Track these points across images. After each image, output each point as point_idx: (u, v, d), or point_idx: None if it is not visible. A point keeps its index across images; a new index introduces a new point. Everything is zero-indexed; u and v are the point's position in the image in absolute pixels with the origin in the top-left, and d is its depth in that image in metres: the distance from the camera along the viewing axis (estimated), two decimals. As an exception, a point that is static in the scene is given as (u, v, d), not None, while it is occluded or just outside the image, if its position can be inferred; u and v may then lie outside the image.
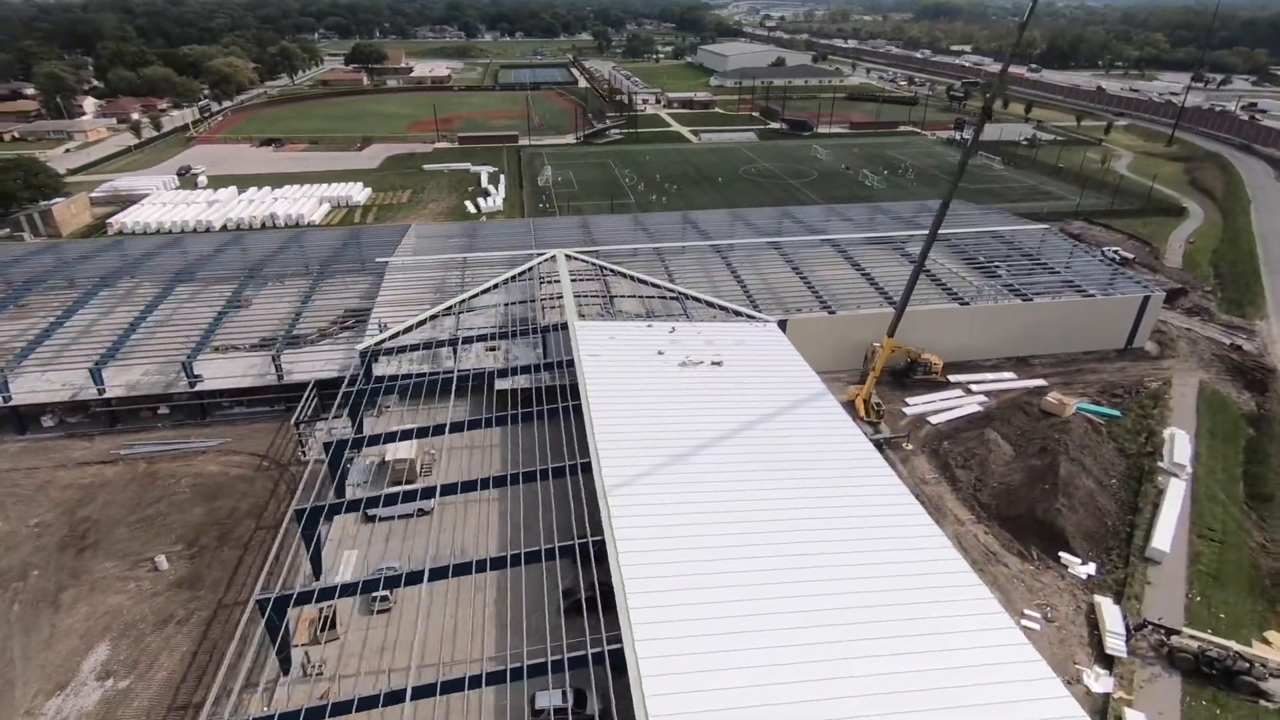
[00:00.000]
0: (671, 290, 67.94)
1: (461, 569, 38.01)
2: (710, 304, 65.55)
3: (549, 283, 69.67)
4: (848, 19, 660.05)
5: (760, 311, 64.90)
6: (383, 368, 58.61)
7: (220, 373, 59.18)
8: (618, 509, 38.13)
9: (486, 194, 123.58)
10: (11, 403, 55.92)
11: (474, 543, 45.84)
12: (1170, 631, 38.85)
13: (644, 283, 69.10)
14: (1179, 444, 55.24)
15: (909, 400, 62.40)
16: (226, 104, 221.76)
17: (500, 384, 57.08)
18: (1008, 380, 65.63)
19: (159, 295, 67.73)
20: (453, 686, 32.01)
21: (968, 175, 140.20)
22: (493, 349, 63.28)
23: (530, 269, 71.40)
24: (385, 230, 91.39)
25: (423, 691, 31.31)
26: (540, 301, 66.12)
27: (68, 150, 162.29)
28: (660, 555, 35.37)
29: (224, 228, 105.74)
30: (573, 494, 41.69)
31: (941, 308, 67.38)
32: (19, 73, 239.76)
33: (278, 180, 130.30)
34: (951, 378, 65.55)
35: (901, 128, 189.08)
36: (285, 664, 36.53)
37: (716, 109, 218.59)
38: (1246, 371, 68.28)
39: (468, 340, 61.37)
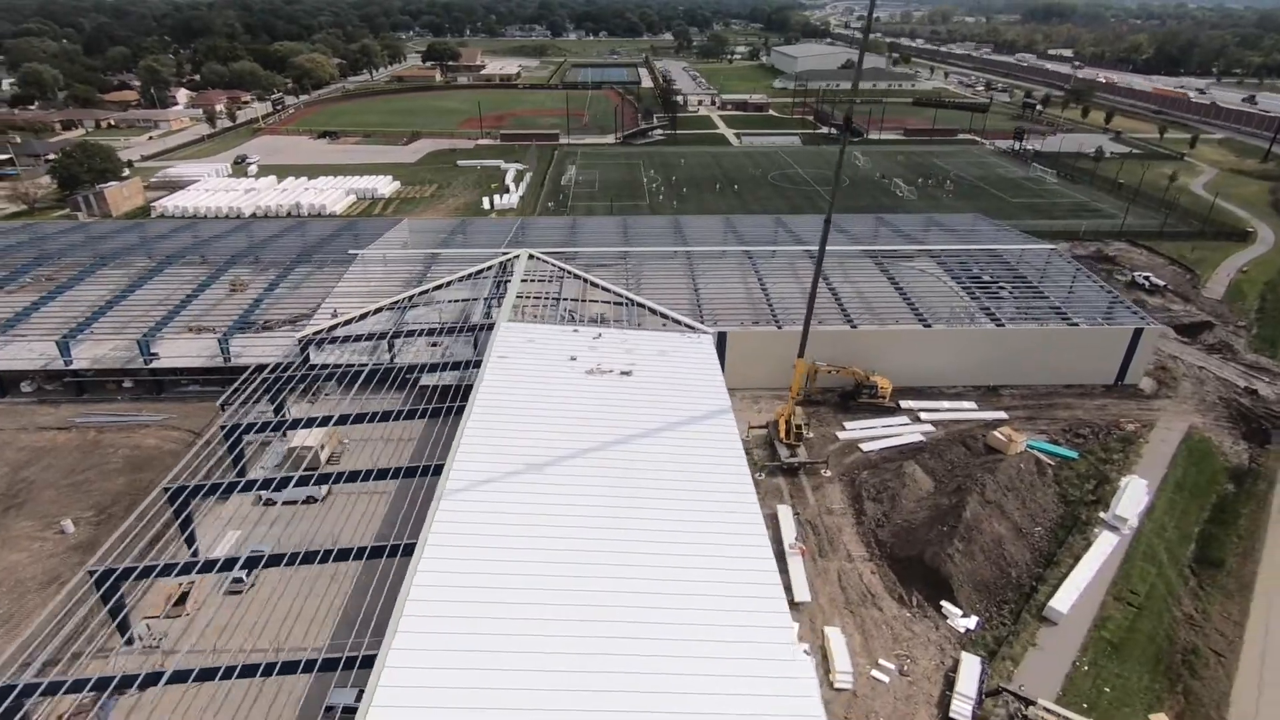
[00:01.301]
0: (621, 296, 67.03)
1: (311, 557, 38.79)
2: (654, 312, 64.20)
3: (504, 282, 70.17)
4: (948, 20, 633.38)
5: (706, 322, 63.20)
6: (325, 356, 60.65)
7: (175, 352, 62.81)
8: (444, 512, 38.00)
9: (506, 191, 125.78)
10: (-7, 368, 61.41)
11: (353, 533, 46.82)
12: (1027, 702, 35.26)
13: (597, 286, 68.50)
14: (1130, 495, 49.98)
15: (847, 424, 59.24)
16: (303, 97, 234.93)
17: (427, 379, 58.04)
18: (965, 410, 61.21)
19: (144, 275, 72.45)
20: (248, 672, 32.79)
21: (1015, 188, 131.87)
22: (435, 344, 64.41)
23: (489, 268, 72.11)
24: (381, 222, 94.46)
25: (209, 674, 32.19)
26: (488, 300, 66.74)
27: (151, 138, 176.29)
28: (464, 562, 34.95)
29: (253, 215, 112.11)
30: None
31: (900, 328, 63.56)
32: (132, 65, 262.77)
33: (323, 171, 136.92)
34: (903, 403, 61.79)
35: (960, 135, 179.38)
36: (125, 634, 38.45)
37: (771, 112, 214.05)
38: (1252, 420, 60.97)
39: (410, 334, 62.68)
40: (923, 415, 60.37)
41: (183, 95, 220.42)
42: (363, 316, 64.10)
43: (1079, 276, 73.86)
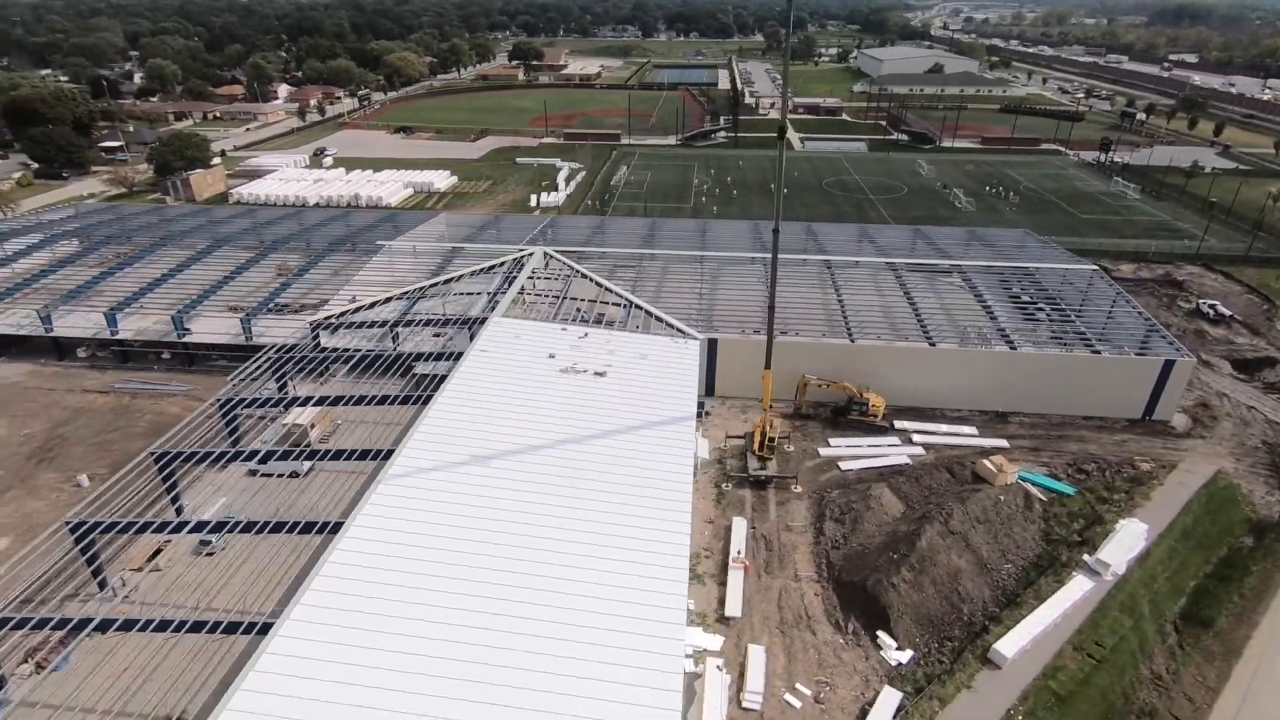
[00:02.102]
0: (621, 298, 67.53)
1: (264, 527, 41.52)
2: (651, 314, 64.41)
3: (513, 278, 71.92)
4: (1064, 21, 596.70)
5: (706, 328, 62.87)
6: (334, 340, 64.18)
7: (206, 329, 67.96)
8: (379, 495, 39.80)
9: (555, 189, 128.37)
10: (53, 333, 68.27)
11: (327, 508, 49.40)
12: (938, 744, 33.50)
13: (601, 287, 69.31)
14: (1122, 539, 46.28)
15: (832, 441, 57.49)
16: (390, 94, 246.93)
17: (422, 367, 60.31)
18: (963, 435, 58.17)
19: (196, 256, 78.55)
20: (162, 627, 34.67)
21: (1090, 203, 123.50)
22: (438, 334, 66.85)
23: (502, 264, 74.17)
24: (420, 215, 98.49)
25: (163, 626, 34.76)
26: (493, 295, 68.61)
27: (248, 129, 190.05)
28: (383, 544, 36.46)
29: (315, 204, 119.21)
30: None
31: (902, 345, 61.07)
32: (245, 62, 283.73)
33: (390, 165, 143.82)
34: (899, 423, 59.37)
35: (1044, 145, 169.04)
36: (101, 583, 42.24)
37: (844, 116, 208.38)
38: (1296, 469, 55.13)
39: (414, 324, 65.38)
40: (915, 437, 57.82)
41: (283, 90, 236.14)
42: (372, 305, 67.39)
43: (1118, 300, 68.60)
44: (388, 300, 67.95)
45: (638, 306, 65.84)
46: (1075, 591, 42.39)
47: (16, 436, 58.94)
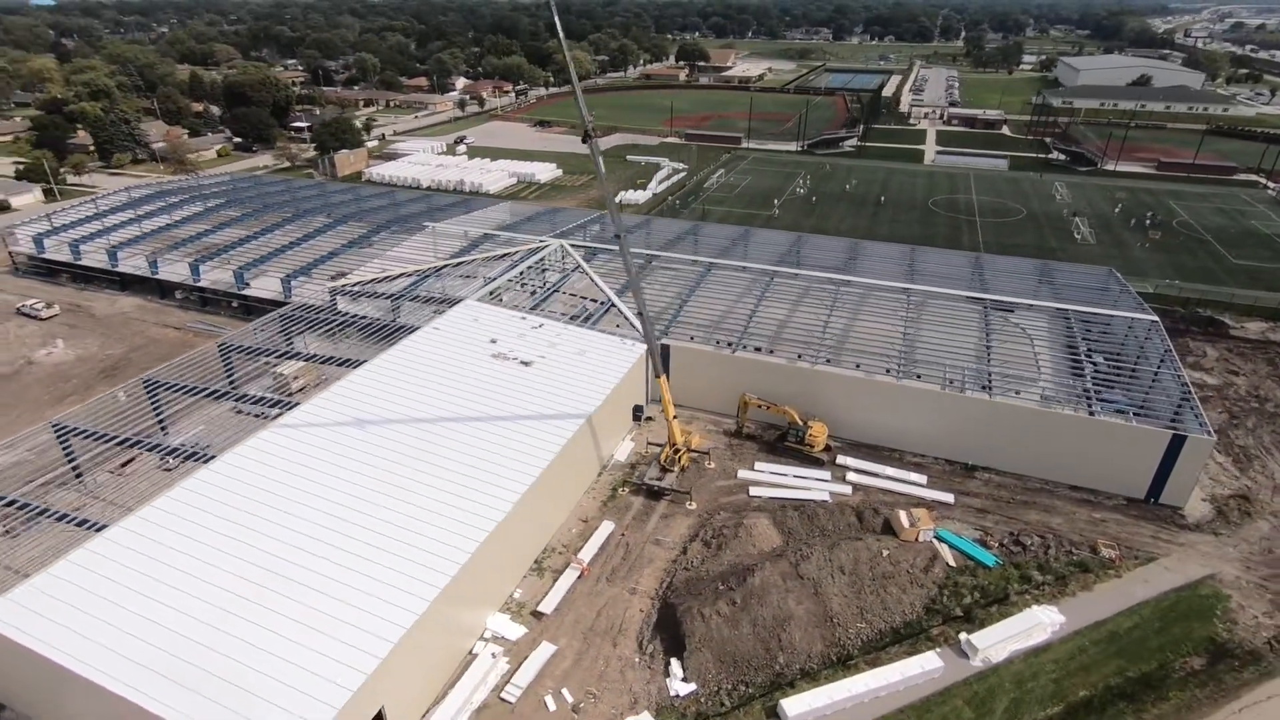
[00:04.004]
0: (604, 295, 68.67)
1: (190, 456, 48.75)
2: (624, 314, 64.98)
3: (515, 265, 75.64)
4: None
5: (669, 333, 62.51)
6: (349, 306, 71.96)
7: (260, 286, 78.84)
8: (255, 439, 45.17)
9: (644, 188, 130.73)
10: (157, 276, 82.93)
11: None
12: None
13: (595, 283, 70.90)
14: (1016, 625, 40.15)
15: (758, 465, 54.81)
16: (549, 89, 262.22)
17: (406, 339, 66.00)
18: (908, 483, 52.75)
19: (282, 221, 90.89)
20: (83, 524, 42.98)
21: (1259, 246, 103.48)
22: (439, 312, 72.27)
23: (516, 252, 78.17)
24: (487, 200, 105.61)
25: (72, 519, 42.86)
26: (489, 279, 72.74)
27: (416, 117, 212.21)
28: (230, 480, 41.57)
29: (427, 186, 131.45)
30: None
31: (860, 376, 56.47)
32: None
33: (514, 155, 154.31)
34: (844, 459, 55.17)
35: (1239, 176, 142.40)
36: (78, 475, 51.82)
37: (1004, 130, 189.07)
38: (1328, 593, 43.88)
39: (416, 299, 71.36)
40: (851, 475, 53.43)
41: (461, 83, 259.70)
42: (386, 278, 74.38)
43: (1166, 360, 57.94)
44: (400, 276, 74.66)
45: (615, 305, 66.73)
46: (914, 668, 37.69)
47: (101, 354, 72.84)
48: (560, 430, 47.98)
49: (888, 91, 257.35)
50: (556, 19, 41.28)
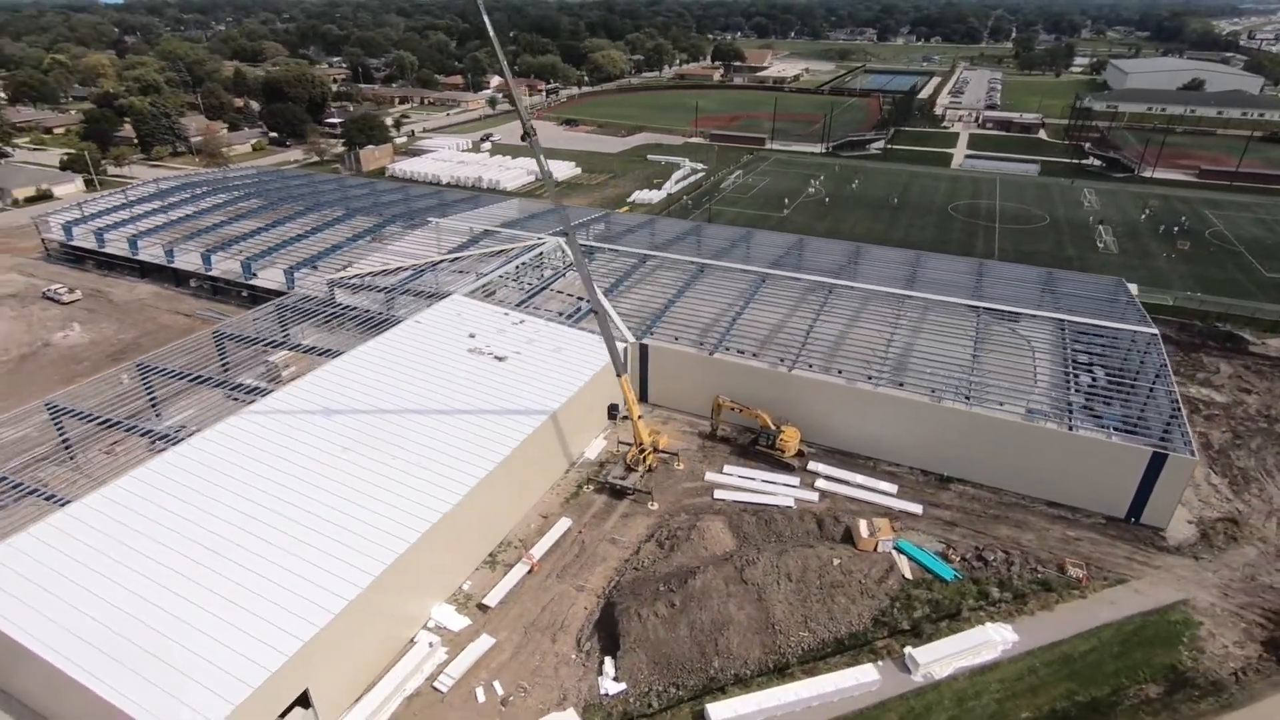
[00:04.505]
0: (588, 293, 68.67)
1: (163, 438, 50.67)
2: (608, 313, 65.01)
3: (509, 262, 76.39)
4: None
5: (649, 332, 62.49)
6: (345, 297, 73.66)
7: (266, 276, 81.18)
8: (223, 424, 46.65)
9: (659, 186, 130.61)
10: (174, 264, 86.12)
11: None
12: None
13: (582, 280, 71.03)
14: (964, 641, 39.11)
15: (727, 468, 54.38)
16: (581, 89, 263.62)
17: (393, 329, 67.33)
18: (878, 492, 51.73)
19: (295, 214, 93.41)
20: (63, 503, 45.03)
21: (1277, 251, 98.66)
22: (429, 305, 73.49)
23: (512, 249, 78.94)
24: (495, 197, 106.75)
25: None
26: (481, 275, 73.63)
27: (447, 114, 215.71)
28: (193, 464, 43.02)
29: (447, 182, 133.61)
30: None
31: (835, 381, 55.56)
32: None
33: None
34: (815, 465, 54.40)
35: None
36: (70, 453, 54.19)
37: (1041, 134, 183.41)
38: (1309, 625, 41.65)
39: (406, 293, 72.64)
40: (821, 482, 52.64)
41: (494, 81, 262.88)
42: (385, 272, 75.89)
43: (1162, 375, 55.62)
44: (397, 270, 76.11)
45: (599, 304, 66.74)
46: (849, 680, 37.00)
47: (113, 339, 75.98)
48: (521, 426, 48.39)
49: (925, 93, 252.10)
50: (486, 19, 41.30)
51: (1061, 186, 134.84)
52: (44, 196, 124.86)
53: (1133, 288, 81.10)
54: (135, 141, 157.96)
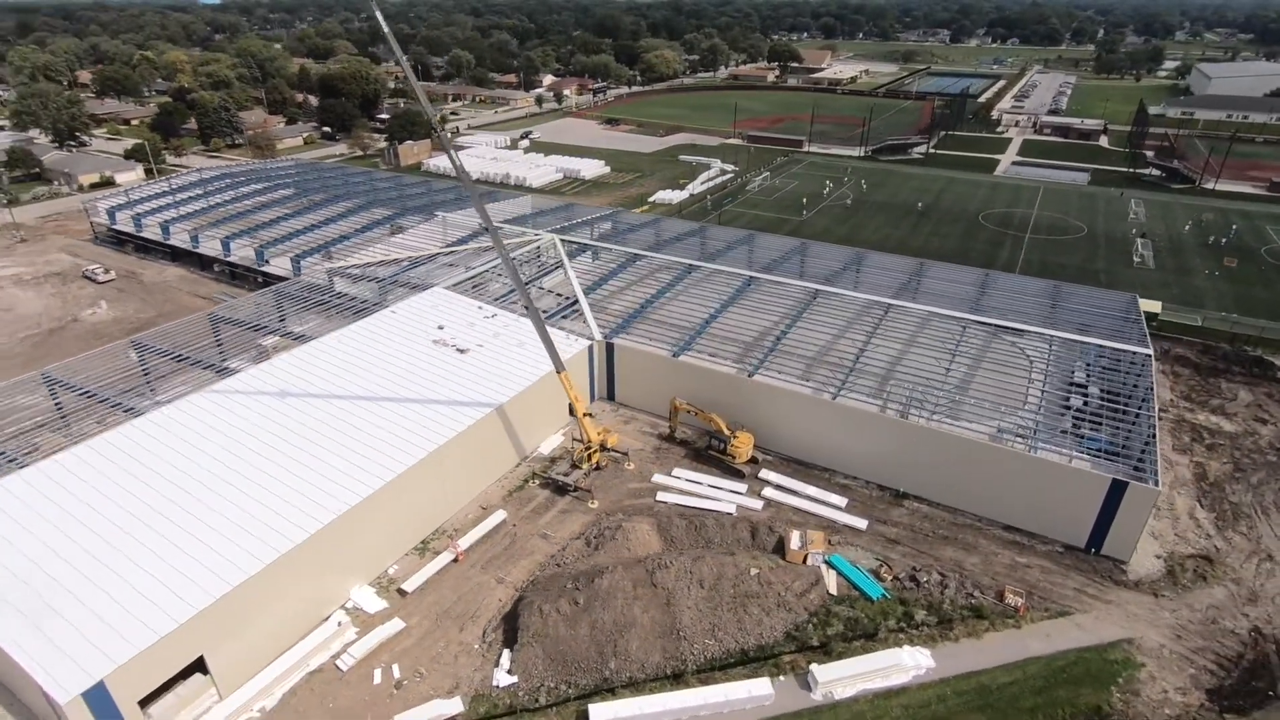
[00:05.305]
0: (569, 294, 69.30)
1: (139, 414, 53.83)
2: (581, 311, 65.42)
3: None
4: None
5: (611, 328, 62.55)
6: (344, 286, 76.35)
7: (277, 264, 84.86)
8: (185, 400, 49.15)
9: (683, 187, 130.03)
10: (198, 250, 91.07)
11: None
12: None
13: (569, 279, 71.73)
14: (873, 663, 37.71)
15: (675, 471, 53.89)
16: (630, 88, 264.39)
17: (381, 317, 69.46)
18: (826, 505, 50.26)
19: (317, 205, 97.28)
20: None
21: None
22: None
23: (508, 244, 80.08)
24: (509, 193, 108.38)
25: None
26: (471, 269, 75.00)
27: (496, 112, 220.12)
28: (148, 437, 45.48)
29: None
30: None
31: (793, 389, 54.20)
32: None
33: (572, 152, 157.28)
34: (766, 473, 53.33)
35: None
36: (66, 422, 58.07)
37: (1102, 141, 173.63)
38: (1261, 673, 38.35)
39: (395, 283, 74.65)
40: (768, 491, 51.55)
41: (548, 80, 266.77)
42: (382, 263, 78.22)
43: (1148, 400, 52.08)
44: (394, 261, 78.33)
45: (579, 302, 67.21)
46: (740, 692, 36.18)
47: (135, 317, 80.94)
48: (462, 418, 49.18)
49: (986, 97, 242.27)
50: (381, 19, 42.13)
51: (1109, 197, 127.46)
52: (107, 183, 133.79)
53: (1157, 306, 76.59)
54: (198, 133, 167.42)
